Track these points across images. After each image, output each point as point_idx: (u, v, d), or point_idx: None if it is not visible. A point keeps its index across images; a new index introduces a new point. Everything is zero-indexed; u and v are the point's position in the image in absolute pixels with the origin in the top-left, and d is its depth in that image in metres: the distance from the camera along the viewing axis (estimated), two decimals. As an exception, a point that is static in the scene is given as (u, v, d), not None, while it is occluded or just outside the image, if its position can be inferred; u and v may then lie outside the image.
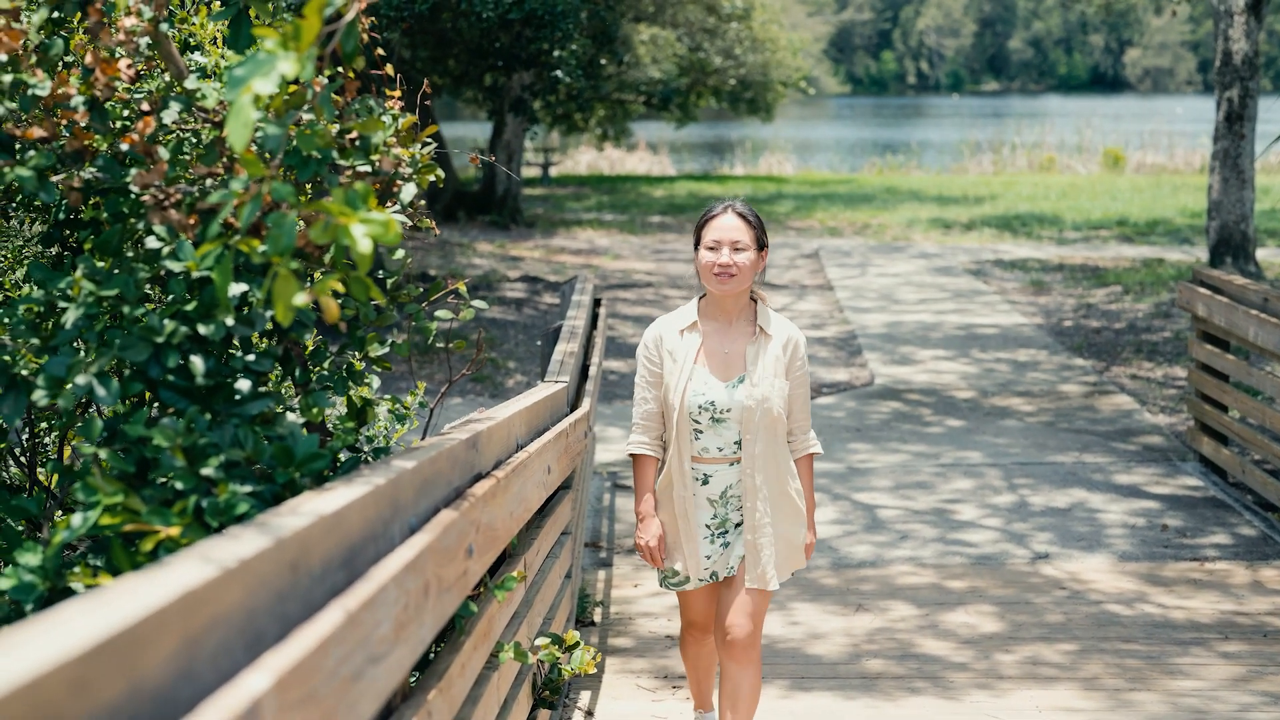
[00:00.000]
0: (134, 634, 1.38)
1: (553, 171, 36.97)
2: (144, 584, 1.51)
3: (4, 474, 3.72)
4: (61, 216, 3.61)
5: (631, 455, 5.20)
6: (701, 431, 5.03)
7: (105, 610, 1.40)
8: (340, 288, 2.44)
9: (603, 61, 24.50)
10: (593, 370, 7.14)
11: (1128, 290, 17.56)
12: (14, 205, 3.75)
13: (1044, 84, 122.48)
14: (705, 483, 5.07)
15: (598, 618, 7.14)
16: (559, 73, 21.87)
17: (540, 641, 4.42)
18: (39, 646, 1.25)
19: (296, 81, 2.75)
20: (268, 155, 2.76)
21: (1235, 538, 8.32)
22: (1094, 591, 7.43)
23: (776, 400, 4.99)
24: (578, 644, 4.80)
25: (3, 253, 4.22)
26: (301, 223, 2.65)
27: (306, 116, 2.83)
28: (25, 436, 3.79)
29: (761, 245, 5.04)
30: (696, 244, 5.07)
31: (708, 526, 5.09)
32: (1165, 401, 11.95)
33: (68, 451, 3.96)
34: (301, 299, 2.32)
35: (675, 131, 41.43)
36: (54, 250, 3.83)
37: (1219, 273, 9.81)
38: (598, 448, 10.23)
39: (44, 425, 3.81)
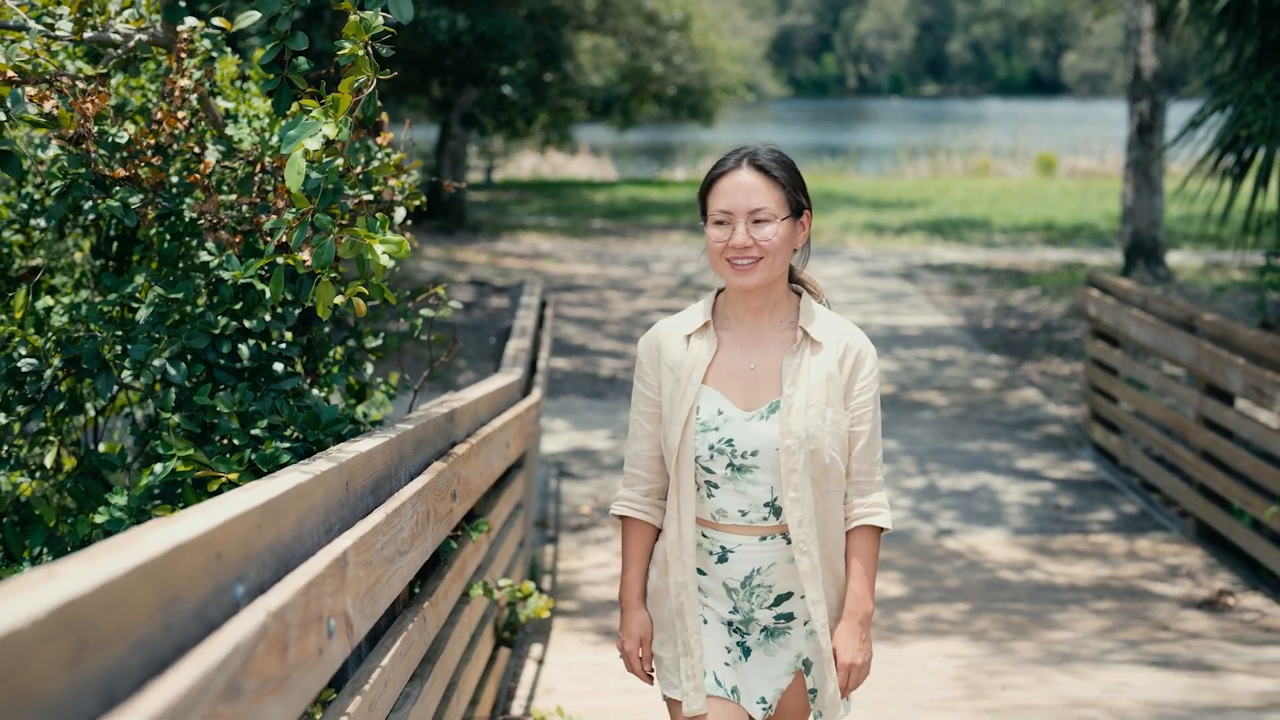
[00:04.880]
0: (274, 504, 2.22)
1: (496, 176, 37.73)
2: (270, 481, 2.37)
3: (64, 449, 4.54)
4: (112, 234, 4.46)
5: (618, 518, 3.68)
6: (716, 486, 3.43)
7: (257, 491, 2.24)
8: (365, 291, 3.30)
9: (547, 78, 25.32)
10: (541, 364, 8.01)
11: (1046, 292, 18.57)
12: (71, 225, 4.58)
13: (983, 87, 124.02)
14: (722, 559, 3.46)
15: (546, 585, 7.99)
16: (506, 89, 22.69)
17: (503, 583, 5.27)
18: (234, 504, 2.09)
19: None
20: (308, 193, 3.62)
21: (1118, 514, 9.27)
22: (989, 561, 8.35)
23: (828, 439, 3.38)
24: (532, 594, 5.67)
25: (51, 261, 5.04)
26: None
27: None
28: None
29: (799, 209, 3.52)
30: (703, 216, 3.51)
31: (728, 624, 3.50)
32: (1068, 395, 12.93)
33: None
34: (338, 299, 3.18)
35: (617, 136, 42.19)
36: (100, 262, 4.67)
37: (1109, 276, 10.79)
38: (544, 439, 11.09)
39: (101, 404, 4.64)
